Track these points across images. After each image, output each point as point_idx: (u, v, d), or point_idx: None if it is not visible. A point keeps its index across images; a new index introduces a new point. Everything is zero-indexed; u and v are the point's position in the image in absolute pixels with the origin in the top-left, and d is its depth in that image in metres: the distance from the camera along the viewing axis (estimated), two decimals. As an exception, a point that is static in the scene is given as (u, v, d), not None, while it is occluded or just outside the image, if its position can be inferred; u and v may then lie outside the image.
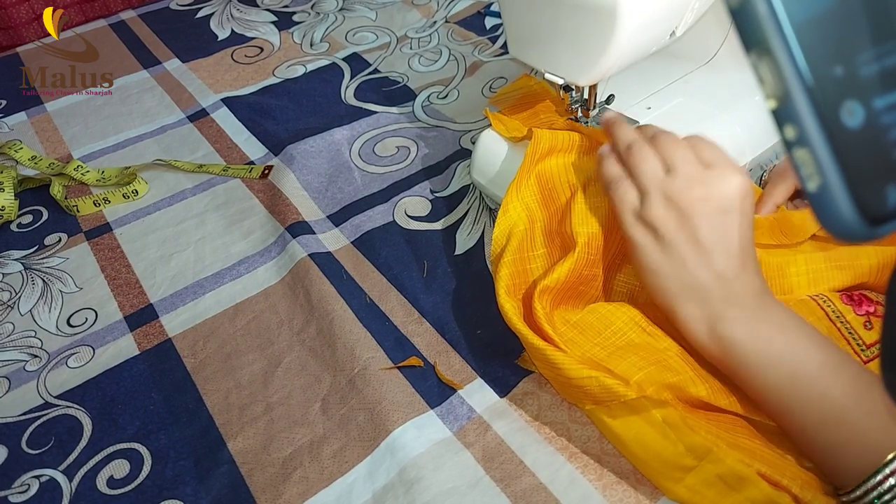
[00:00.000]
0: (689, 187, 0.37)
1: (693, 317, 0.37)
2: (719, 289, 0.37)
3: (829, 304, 0.41)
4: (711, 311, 0.37)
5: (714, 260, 0.37)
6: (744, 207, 0.37)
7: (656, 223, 0.38)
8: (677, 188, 0.37)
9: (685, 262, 0.37)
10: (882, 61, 0.15)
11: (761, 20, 0.15)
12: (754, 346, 0.35)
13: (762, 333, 0.36)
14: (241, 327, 0.50)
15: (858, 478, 0.32)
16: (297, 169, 0.63)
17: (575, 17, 0.42)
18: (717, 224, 0.37)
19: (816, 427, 0.34)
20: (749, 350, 0.35)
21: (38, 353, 0.49)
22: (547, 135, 0.48)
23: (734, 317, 0.36)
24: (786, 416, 0.35)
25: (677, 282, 0.38)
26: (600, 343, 0.40)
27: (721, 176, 0.37)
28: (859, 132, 0.15)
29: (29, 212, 0.62)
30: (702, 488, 0.35)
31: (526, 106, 0.57)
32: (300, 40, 0.86)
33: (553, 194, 0.48)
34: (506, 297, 0.43)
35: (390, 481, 0.40)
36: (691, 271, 0.37)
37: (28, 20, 0.90)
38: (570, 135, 0.49)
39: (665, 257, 0.38)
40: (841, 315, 0.40)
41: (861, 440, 0.33)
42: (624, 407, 0.38)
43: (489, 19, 0.87)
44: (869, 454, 0.32)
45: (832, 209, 0.15)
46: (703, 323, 0.37)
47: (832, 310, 0.41)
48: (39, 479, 0.42)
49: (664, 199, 0.38)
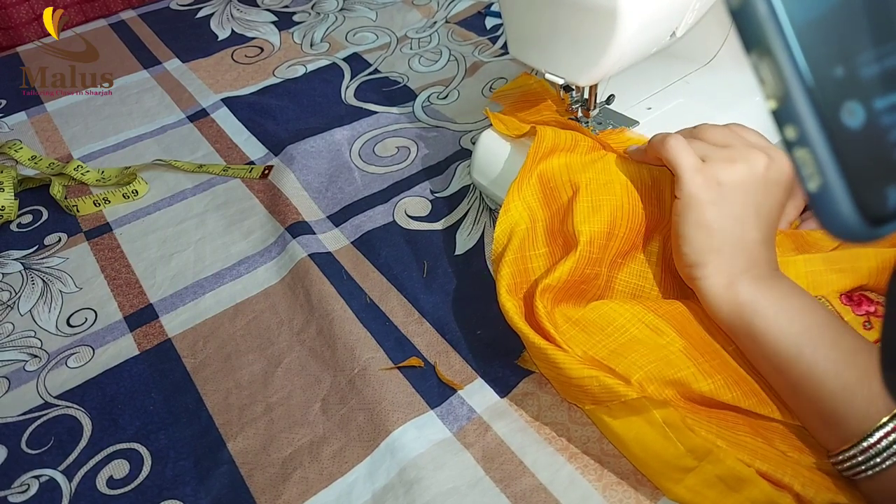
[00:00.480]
0: (749, 153, 0.40)
1: (718, 269, 0.39)
2: (746, 254, 0.39)
3: (828, 305, 0.41)
4: (735, 269, 0.39)
5: (755, 225, 0.39)
6: (788, 185, 0.40)
7: (723, 178, 0.39)
8: (740, 153, 0.40)
9: (735, 220, 0.39)
10: (883, 62, 0.15)
11: (761, 20, 0.15)
12: (769, 302, 0.37)
13: (777, 293, 0.38)
14: (241, 327, 0.50)
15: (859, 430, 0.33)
16: (297, 169, 0.63)
17: (575, 17, 0.42)
18: (769, 192, 0.39)
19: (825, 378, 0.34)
20: (764, 304, 0.37)
21: (38, 353, 0.49)
22: (550, 133, 0.48)
23: (754, 276, 0.38)
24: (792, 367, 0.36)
25: (719, 237, 0.39)
26: (602, 341, 0.40)
27: (777, 151, 0.40)
28: (860, 133, 0.15)
29: (29, 212, 0.62)
30: (702, 489, 0.35)
31: (526, 104, 0.57)
32: (300, 40, 0.86)
33: (555, 193, 0.48)
34: (507, 295, 0.43)
35: (390, 482, 0.40)
36: (735, 230, 0.39)
37: (28, 20, 0.90)
38: (573, 134, 0.49)
39: (720, 214, 0.39)
40: (840, 316, 0.41)
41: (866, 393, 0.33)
42: (624, 407, 0.38)
43: (489, 19, 0.87)
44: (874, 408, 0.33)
45: (832, 209, 0.15)
46: (724, 277, 0.39)
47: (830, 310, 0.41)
48: (39, 479, 0.42)
49: (728, 158, 0.40)
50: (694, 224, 0.40)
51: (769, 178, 0.39)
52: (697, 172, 0.40)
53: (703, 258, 0.39)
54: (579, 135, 0.49)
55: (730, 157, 0.39)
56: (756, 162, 0.39)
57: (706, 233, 0.39)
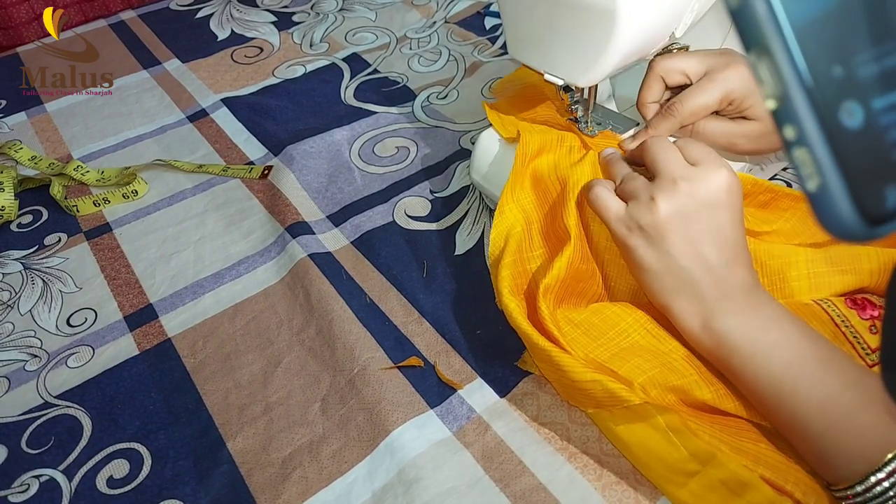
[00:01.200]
0: (673, 184, 0.38)
1: (687, 312, 0.38)
2: (710, 283, 0.37)
3: (834, 309, 0.41)
4: (704, 306, 0.37)
5: (704, 254, 0.37)
6: (731, 202, 0.38)
7: (642, 222, 0.39)
8: (663, 189, 0.38)
9: (676, 256, 0.38)
10: (881, 62, 0.15)
11: (760, 21, 0.15)
12: (747, 338, 0.36)
13: (755, 325, 0.36)
14: (240, 327, 0.50)
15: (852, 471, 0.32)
16: (296, 169, 0.63)
17: (574, 18, 0.42)
18: (704, 218, 0.38)
19: (809, 419, 0.34)
20: (741, 341, 0.36)
21: (38, 353, 0.49)
22: (536, 137, 0.49)
23: (726, 310, 0.37)
24: (777, 408, 0.35)
25: (669, 278, 0.38)
26: (604, 344, 0.40)
27: (705, 171, 0.38)
28: (858, 132, 0.15)
29: (29, 212, 0.62)
30: (705, 493, 0.35)
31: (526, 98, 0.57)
32: (300, 41, 0.86)
33: (547, 195, 0.48)
34: (510, 296, 0.43)
35: (389, 481, 0.40)
36: (682, 266, 0.38)
37: (28, 20, 0.90)
38: (559, 134, 0.49)
39: (656, 254, 0.38)
40: (846, 319, 0.40)
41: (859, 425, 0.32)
42: (627, 411, 0.37)
43: (489, 20, 0.87)
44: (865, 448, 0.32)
45: (831, 209, 0.15)
46: (696, 318, 0.38)
47: (837, 314, 0.40)
48: (39, 479, 0.42)
49: (649, 199, 0.39)
50: (637, 269, 0.40)
51: (698, 201, 0.38)
52: (619, 221, 0.40)
53: (664, 300, 0.39)
54: (566, 134, 0.49)
55: (650, 194, 0.39)
56: (675, 193, 0.38)
57: (651, 276, 0.39)
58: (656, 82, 0.46)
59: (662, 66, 0.46)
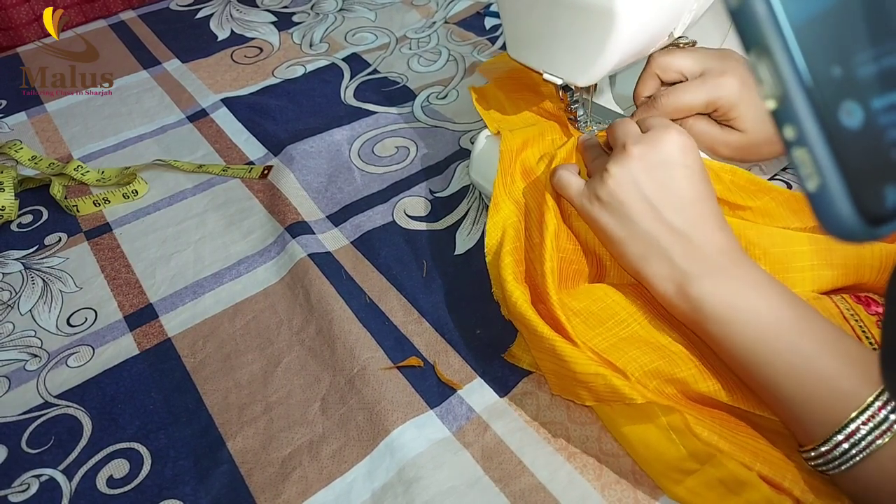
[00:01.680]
0: (624, 151, 0.39)
1: (659, 275, 0.38)
2: (678, 244, 0.37)
3: (843, 302, 0.41)
4: (675, 269, 0.37)
5: (665, 214, 0.38)
6: (686, 160, 0.39)
7: (600, 193, 0.40)
8: (615, 157, 0.40)
9: (637, 221, 0.38)
10: (880, 62, 0.15)
11: (760, 21, 0.15)
12: (723, 301, 0.36)
13: (730, 289, 0.36)
14: (240, 327, 0.50)
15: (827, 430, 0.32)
16: (296, 169, 0.63)
17: (573, 18, 0.42)
18: (659, 177, 0.38)
19: (786, 380, 0.34)
20: (717, 305, 0.36)
21: (38, 353, 0.49)
22: (518, 133, 0.50)
23: (700, 273, 0.37)
24: (755, 370, 0.35)
25: (636, 244, 0.39)
26: (602, 334, 0.40)
27: (655, 134, 0.39)
28: (858, 132, 0.15)
29: (29, 212, 0.62)
30: (702, 490, 0.35)
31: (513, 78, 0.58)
32: (300, 41, 0.86)
33: (538, 185, 0.49)
34: (514, 283, 0.43)
35: (389, 481, 0.40)
36: (646, 230, 0.38)
37: (28, 20, 0.90)
38: (540, 129, 0.51)
39: (619, 222, 0.39)
40: (855, 313, 0.40)
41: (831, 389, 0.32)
42: (628, 407, 0.38)
43: (488, 20, 0.87)
44: (840, 403, 0.32)
45: (831, 209, 0.15)
46: (669, 281, 0.38)
47: (846, 307, 0.41)
48: (39, 479, 0.42)
49: (605, 170, 0.40)
50: (608, 242, 0.41)
51: (650, 162, 0.38)
52: (581, 196, 0.42)
53: (636, 266, 0.39)
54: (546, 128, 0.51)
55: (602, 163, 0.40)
56: (628, 160, 0.39)
57: (619, 245, 0.40)
58: (651, 78, 0.47)
59: (659, 62, 0.46)
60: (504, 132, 0.50)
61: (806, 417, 0.33)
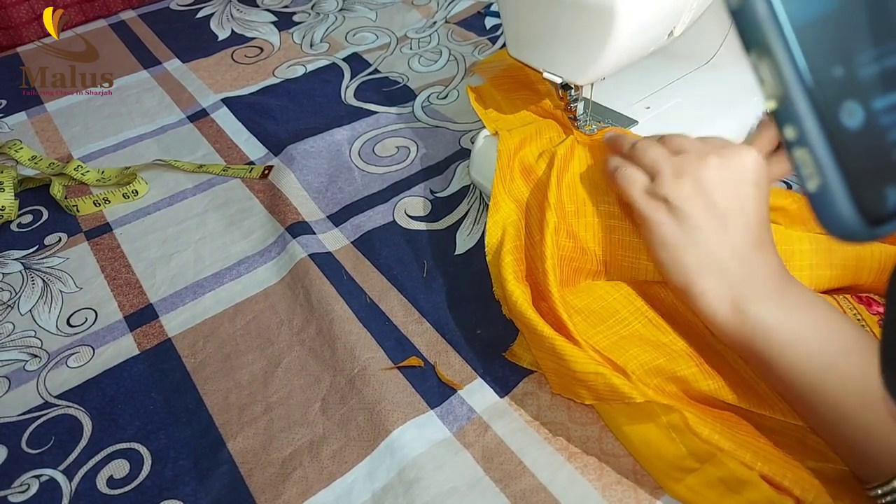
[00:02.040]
0: (701, 158, 0.37)
1: (713, 292, 0.36)
2: (738, 265, 0.36)
3: (846, 302, 0.41)
4: (734, 290, 0.35)
5: (730, 231, 0.36)
6: (759, 180, 0.37)
7: (669, 194, 0.37)
8: (689, 161, 0.37)
9: (702, 231, 0.36)
10: (882, 62, 0.15)
11: (761, 21, 0.15)
12: (785, 326, 0.34)
13: (792, 312, 0.34)
14: (240, 327, 0.50)
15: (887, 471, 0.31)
16: (297, 169, 0.63)
17: (573, 17, 0.42)
18: (732, 193, 0.36)
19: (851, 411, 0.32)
20: (778, 330, 0.34)
21: (38, 353, 0.49)
22: (516, 132, 0.50)
23: (760, 296, 0.35)
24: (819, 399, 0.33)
25: (694, 254, 0.37)
26: (603, 332, 0.40)
27: (735, 149, 0.37)
28: (859, 133, 0.15)
29: (29, 212, 0.62)
30: (702, 489, 0.35)
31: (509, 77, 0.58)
32: (300, 40, 0.86)
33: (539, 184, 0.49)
34: (515, 282, 0.43)
35: (390, 481, 0.40)
36: (708, 242, 0.36)
37: (28, 20, 0.90)
38: (537, 127, 0.50)
39: (680, 230, 0.37)
40: (858, 313, 0.40)
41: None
42: (628, 406, 0.37)
43: (489, 19, 0.87)
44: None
45: (832, 209, 0.15)
46: (724, 301, 0.36)
47: (849, 307, 0.40)
48: (39, 479, 0.42)
49: (675, 172, 0.37)
50: (659, 246, 0.38)
51: (727, 180, 0.36)
52: (645, 194, 0.39)
53: (686, 279, 0.37)
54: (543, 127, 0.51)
55: (677, 170, 0.37)
56: (705, 168, 0.37)
57: (678, 251, 0.37)
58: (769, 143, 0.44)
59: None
60: (502, 132, 0.50)
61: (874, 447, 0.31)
